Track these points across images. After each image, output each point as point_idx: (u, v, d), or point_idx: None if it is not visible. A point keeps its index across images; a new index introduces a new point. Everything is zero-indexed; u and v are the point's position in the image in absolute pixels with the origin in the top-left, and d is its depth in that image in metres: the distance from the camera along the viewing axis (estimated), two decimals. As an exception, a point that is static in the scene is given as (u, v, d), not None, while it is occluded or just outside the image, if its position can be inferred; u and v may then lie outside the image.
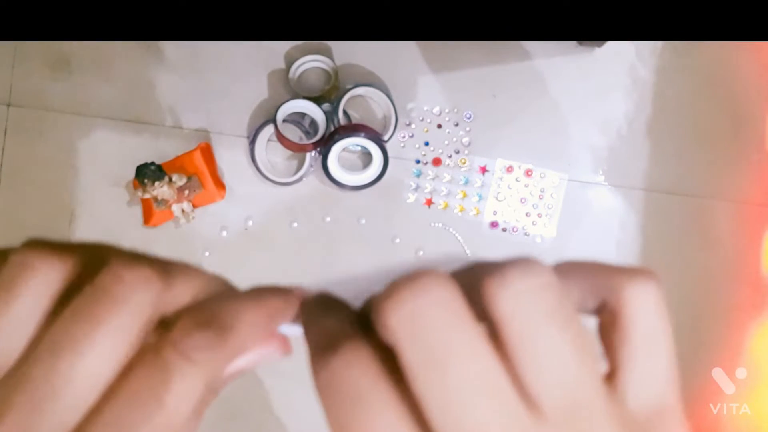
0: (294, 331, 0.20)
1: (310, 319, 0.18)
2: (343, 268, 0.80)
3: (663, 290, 0.16)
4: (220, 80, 0.81)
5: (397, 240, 0.81)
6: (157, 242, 0.81)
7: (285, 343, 0.20)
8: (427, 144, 0.81)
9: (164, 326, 0.17)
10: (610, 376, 0.16)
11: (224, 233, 0.81)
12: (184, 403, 0.15)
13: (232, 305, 0.17)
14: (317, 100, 0.78)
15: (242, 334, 0.17)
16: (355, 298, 0.19)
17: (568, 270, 0.17)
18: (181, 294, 0.17)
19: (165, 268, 0.17)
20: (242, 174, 0.81)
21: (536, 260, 0.15)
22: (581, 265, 0.17)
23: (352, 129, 0.76)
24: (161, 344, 0.16)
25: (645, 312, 0.15)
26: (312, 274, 0.80)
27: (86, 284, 0.16)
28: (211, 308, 0.17)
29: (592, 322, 0.17)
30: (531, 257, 0.15)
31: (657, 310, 0.16)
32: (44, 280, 0.16)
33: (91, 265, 0.17)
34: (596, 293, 0.16)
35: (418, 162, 0.81)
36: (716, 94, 0.81)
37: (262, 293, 0.19)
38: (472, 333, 0.14)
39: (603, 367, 0.16)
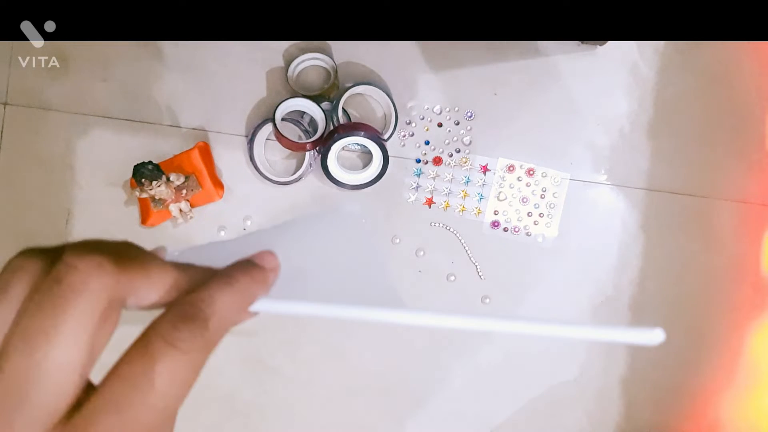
0: (263, 307, 0.22)
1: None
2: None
3: None
4: (218, 78, 0.80)
5: (397, 240, 0.81)
6: (155, 242, 0.80)
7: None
8: (427, 143, 0.81)
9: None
10: None
11: (222, 233, 0.80)
12: (174, 386, 0.17)
13: (209, 294, 0.19)
14: (316, 99, 0.78)
15: (220, 321, 0.19)
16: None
17: None
18: (153, 282, 0.19)
19: (122, 255, 0.18)
20: (241, 173, 0.81)
21: None
22: None
23: (351, 128, 0.75)
24: (150, 335, 0.17)
25: None
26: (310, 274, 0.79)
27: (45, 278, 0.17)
28: (192, 302, 0.19)
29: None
30: None
31: None
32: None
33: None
34: None
35: (418, 161, 0.81)
36: (718, 93, 0.81)
37: (233, 275, 0.21)
38: None
39: None
